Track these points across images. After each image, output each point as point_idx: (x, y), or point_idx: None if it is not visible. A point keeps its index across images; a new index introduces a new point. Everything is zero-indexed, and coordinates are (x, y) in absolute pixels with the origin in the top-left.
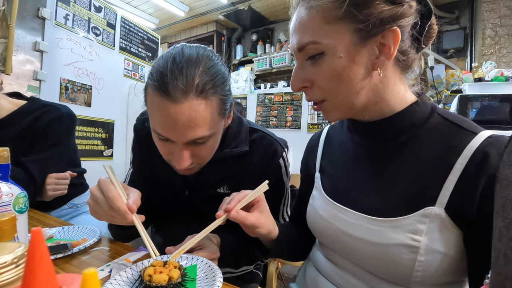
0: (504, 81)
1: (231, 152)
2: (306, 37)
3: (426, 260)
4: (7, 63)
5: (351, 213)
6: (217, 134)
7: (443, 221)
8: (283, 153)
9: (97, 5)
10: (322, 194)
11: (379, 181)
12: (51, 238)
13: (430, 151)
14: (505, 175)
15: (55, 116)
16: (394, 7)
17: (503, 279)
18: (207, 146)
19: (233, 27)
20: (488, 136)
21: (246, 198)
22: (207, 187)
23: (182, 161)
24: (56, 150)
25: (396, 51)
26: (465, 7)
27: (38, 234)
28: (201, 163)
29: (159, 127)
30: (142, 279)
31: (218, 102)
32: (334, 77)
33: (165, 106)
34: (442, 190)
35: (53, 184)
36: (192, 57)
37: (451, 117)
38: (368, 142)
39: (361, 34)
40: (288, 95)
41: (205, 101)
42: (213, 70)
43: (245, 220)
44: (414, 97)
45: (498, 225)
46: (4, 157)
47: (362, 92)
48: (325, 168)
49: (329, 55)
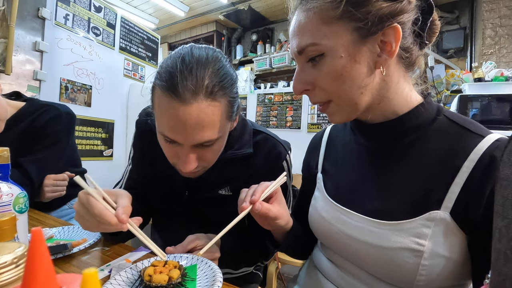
0: (504, 81)
1: (235, 154)
2: (305, 39)
3: (430, 264)
4: (7, 63)
5: (354, 216)
6: (224, 137)
7: (448, 225)
8: (287, 156)
9: (97, 5)
10: (325, 195)
11: (383, 183)
12: (51, 238)
13: (436, 154)
14: (505, 175)
15: (53, 116)
16: (392, 3)
17: (503, 279)
18: (213, 149)
19: (233, 27)
20: (495, 139)
21: (268, 189)
22: (209, 189)
23: (188, 163)
24: (54, 150)
25: (398, 48)
26: (465, 7)
27: (38, 234)
28: (206, 166)
29: (167, 129)
30: (142, 279)
31: (226, 105)
32: (336, 77)
33: (174, 107)
34: (448, 193)
35: (51, 185)
36: (202, 58)
37: (457, 119)
38: (373, 143)
39: (361, 33)
40: (288, 95)
41: (214, 103)
42: (222, 72)
43: (268, 212)
44: (419, 98)
45: (498, 225)
46: (4, 157)
47: (366, 92)
48: (328, 169)
49: (329, 55)
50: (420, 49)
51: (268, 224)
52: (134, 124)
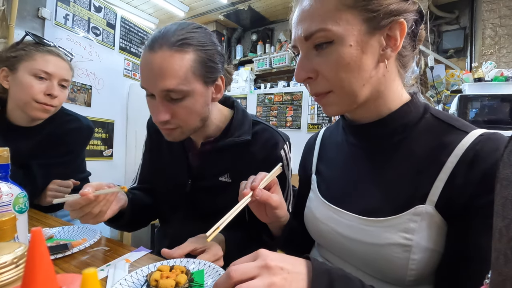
0: (504, 81)
1: (234, 140)
2: (315, 24)
3: (419, 258)
4: None
5: (345, 214)
6: (195, 96)
7: (433, 218)
8: (284, 146)
9: (97, 5)
10: (318, 196)
11: (373, 181)
12: (51, 238)
13: (423, 151)
14: (505, 175)
15: (75, 127)
16: (401, 1)
17: (503, 279)
18: (184, 106)
19: (233, 27)
20: (479, 134)
21: (266, 178)
22: (210, 176)
23: (158, 113)
24: (67, 159)
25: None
26: (465, 7)
27: (38, 234)
28: (182, 126)
29: (141, 78)
30: (149, 284)
31: (194, 60)
32: (342, 66)
33: (144, 57)
34: (433, 188)
35: (54, 190)
36: (183, 24)
37: (443, 117)
38: (362, 142)
39: (372, 24)
40: (288, 95)
41: (177, 54)
42: (197, 34)
43: (269, 198)
44: (408, 96)
45: (498, 225)
46: (4, 157)
47: (367, 85)
48: (321, 170)
49: (338, 43)
50: (412, 51)
51: (267, 216)
52: (134, 124)
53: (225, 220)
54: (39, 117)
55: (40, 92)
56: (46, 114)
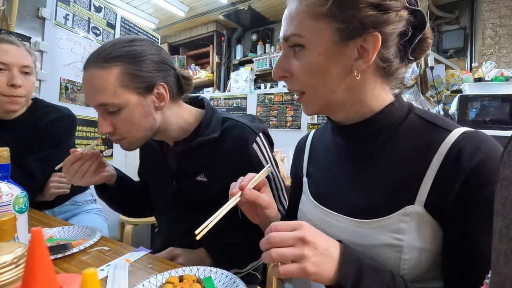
0: (504, 81)
1: (202, 139)
2: (291, 28)
3: (410, 258)
4: None
5: (336, 216)
6: (130, 107)
7: (423, 218)
8: (257, 138)
9: (97, 5)
10: (309, 198)
11: (361, 182)
12: (51, 238)
13: (408, 151)
14: (505, 175)
15: (56, 117)
16: (379, 13)
17: (503, 279)
18: (121, 118)
19: (233, 27)
20: (462, 132)
21: (255, 178)
22: (189, 176)
23: (100, 126)
24: (57, 150)
25: (377, 57)
26: (465, 7)
27: (38, 234)
28: (127, 137)
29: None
30: None
31: (120, 73)
32: (311, 71)
33: (82, 76)
34: (421, 187)
35: (56, 182)
36: (119, 38)
37: (427, 116)
38: (349, 143)
39: (342, 35)
40: (288, 95)
41: (102, 71)
42: (128, 48)
43: (258, 198)
44: (392, 98)
45: (498, 225)
46: (4, 157)
47: (337, 91)
48: (312, 172)
49: (308, 49)
50: (401, 62)
51: (257, 216)
52: None
53: (214, 219)
54: (11, 109)
55: (2, 84)
56: (17, 105)
